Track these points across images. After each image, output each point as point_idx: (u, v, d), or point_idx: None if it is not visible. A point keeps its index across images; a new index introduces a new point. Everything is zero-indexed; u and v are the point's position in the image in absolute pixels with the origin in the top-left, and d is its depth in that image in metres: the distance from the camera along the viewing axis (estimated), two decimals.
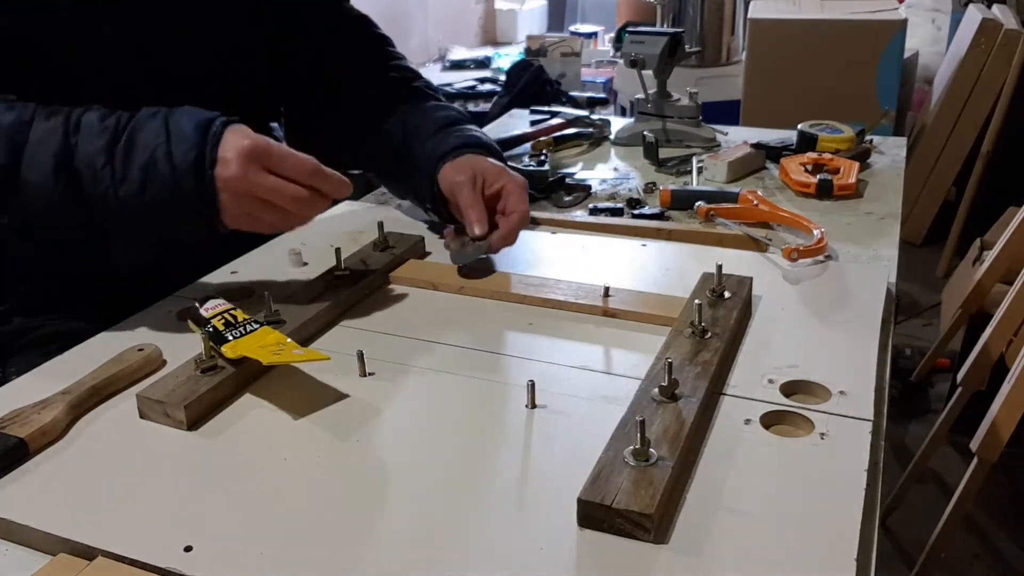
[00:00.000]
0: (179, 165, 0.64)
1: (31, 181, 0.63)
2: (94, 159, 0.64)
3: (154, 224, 0.66)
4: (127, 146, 0.65)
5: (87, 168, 0.64)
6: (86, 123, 0.65)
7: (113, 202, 0.64)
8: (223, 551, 0.46)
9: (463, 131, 0.86)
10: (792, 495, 0.49)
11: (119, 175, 0.64)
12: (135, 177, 0.64)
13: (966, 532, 1.52)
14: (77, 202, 0.64)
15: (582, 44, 3.60)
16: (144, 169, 0.64)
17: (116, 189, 0.64)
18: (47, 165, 0.63)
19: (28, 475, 0.53)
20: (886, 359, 0.67)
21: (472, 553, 0.46)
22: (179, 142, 0.64)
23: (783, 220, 0.93)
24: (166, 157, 0.64)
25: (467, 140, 0.84)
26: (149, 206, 0.64)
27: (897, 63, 2.19)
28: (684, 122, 1.27)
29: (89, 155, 0.64)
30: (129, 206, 0.64)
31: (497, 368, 0.64)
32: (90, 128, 0.65)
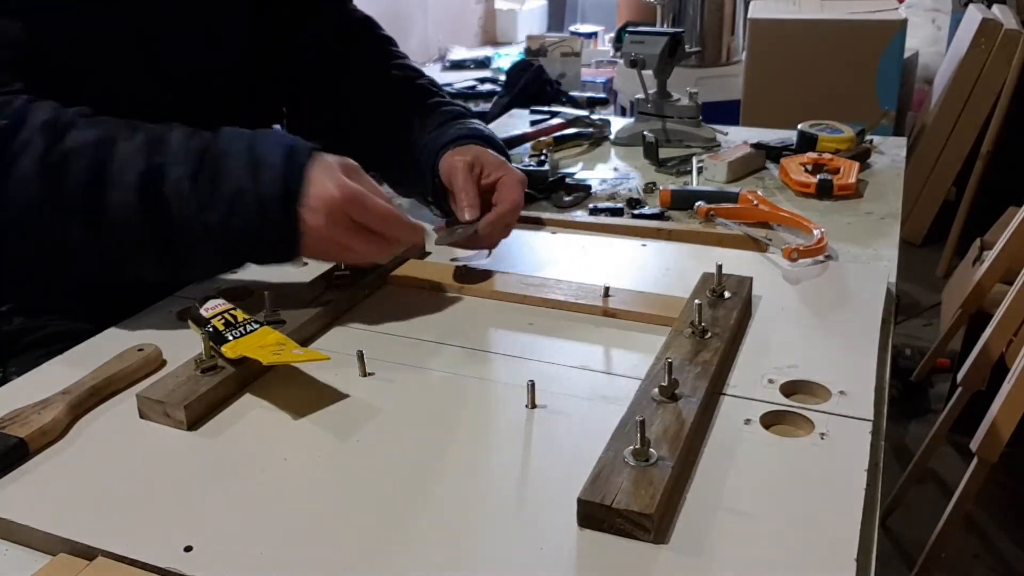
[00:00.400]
0: (266, 198, 0.64)
1: (114, 201, 0.64)
2: (180, 183, 0.64)
3: (235, 251, 0.67)
4: (212, 172, 0.65)
5: (173, 191, 0.64)
6: (172, 144, 0.66)
7: (198, 227, 0.65)
8: (223, 551, 0.46)
9: (466, 124, 0.86)
10: (792, 495, 0.49)
11: (205, 201, 0.64)
12: (222, 205, 0.64)
13: (966, 532, 1.52)
14: (159, 224, 0.65)
15: (582, 44, 3.60)
16: (231, 199, 0.64)
17: (202, 214, 0.64)
18: (132, 186, 0.64)
19: (28, 475, 0.53)
20: (886, 359, 0.67)
21: (472, 553, 0.46)
22: (266, 172, 0.65)
23: (783, 220, 0.93)
24: (253, 187, 0.64)
25: (470, 132, 0.84)
26: (234, 234, 0.65)
27: (897, 63, 2.19)
28: (684, 122, 1.27)
29: (175, 179, 0.64)
30: (214, 232, 0.65)
31: (497, 368, 0.64)
32: (175, 150, 0.65)
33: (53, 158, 0.63)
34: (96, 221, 0.64)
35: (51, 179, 0.63)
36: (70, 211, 0.64)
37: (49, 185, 0.63)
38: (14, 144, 0.63)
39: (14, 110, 0.65)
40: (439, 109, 0.89)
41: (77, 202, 0.64)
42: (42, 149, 0.63)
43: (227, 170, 0.65)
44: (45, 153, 0.63)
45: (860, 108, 2.12)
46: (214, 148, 0.66)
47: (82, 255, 0.66)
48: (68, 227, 0.64)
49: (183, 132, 0.67)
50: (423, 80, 0.94)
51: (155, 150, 0.65)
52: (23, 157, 0.63)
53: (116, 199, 0.64)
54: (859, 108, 2.12)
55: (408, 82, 0.93)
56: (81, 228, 0.64)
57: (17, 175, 0.63)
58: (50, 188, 0.63)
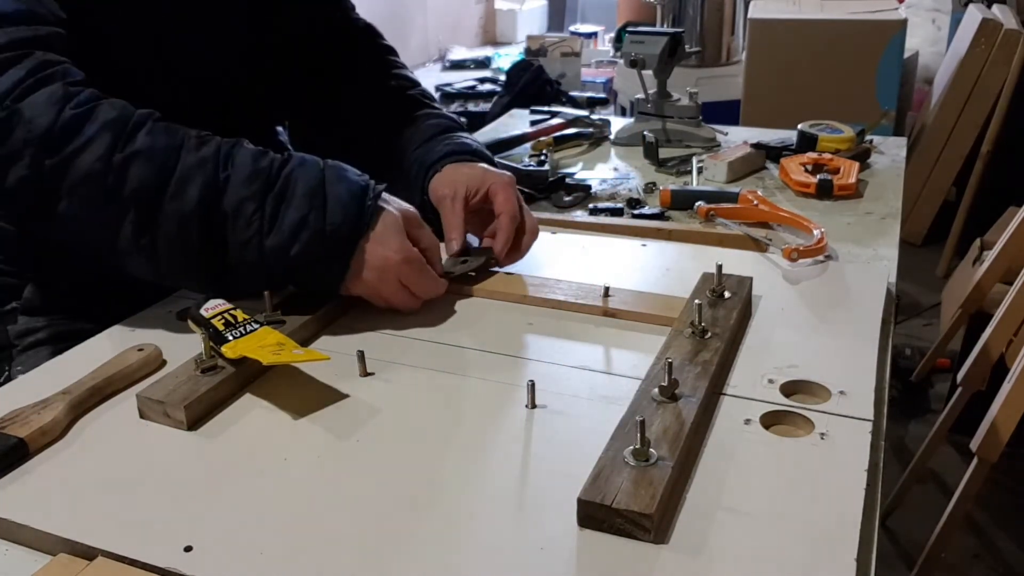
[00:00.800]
0: (329, 238, 0.66)
1: (172, 211, 0.64)
2: (244, 204, 0.65)
3: (283, 276, 0.68)
4: (279, 198, 0.65)
5: (234, 210, 0.65)
6: (239, 161, 0.66)
7: (253, 250, 0.65)
8: (223, 551, 0.46)
9: (452, 139, 0.86)
10: (792, 495, 0.49)
11: (267, 226, 0.65)
12: (285, 232, 0.65)
13: (966, 532, 1.52)
14: (214, 241, 0.65)
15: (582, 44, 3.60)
16: (295, 228, 0.65)
17: (263, 238, 0.65)
18: (193, 197, 0.64)
19: (28, 475, 0.53)
20: (886, 359, 0.67)
21: (472, 553, 0.46)
22: (334, 210, 0.66)
23: (783, 220, 0.93)
24: (319, 224, 0.65)
25: (455, 148, 0.83)
26: (288, 263, 0.66)
27: (897, 63, 2.19)
28: (684, 122, 1.27)
29: (239, 198, 0.65)
30: (268, 258, 0.65)
31: (497, 368, 0.64)
32: (243, 168, 0.66)
33: (117, 158, 0.63)
34: (151, 228, 0.64)
35: (113, 179, 0.63)
36: (126, 214, 0.64)
37: (110, 184, 0.63)
38: (79, 138, 0.63)
39: (81, 102, 0.64)
40: (426, 123, 0.88)
41: (135, 206, 0.63)
42: (107, 147, 0.63)
43: (294, 199, 0.65)
44: (110, 152, 0.63)
45: (860, 108, 2.12)
46: (282, 173, 0.66)
47: (130, 257, 0.65)
48: (121, 229, 0.64)
49: (252, 151, 0.67)
50: (415, 91, 0.94)
51: (221, 165, 0.65)
52: (87, 152, 0.63)
53: (175, 209, 0.64)
54: (859, 108, 2.12)
55: (401, 92, 0.93)
56: (134, 233, 0.64)
57: (79, 170, 0.63)
58: (110, 188, 0.63)
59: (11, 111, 0.62)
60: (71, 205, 0.63)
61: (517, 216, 0.77)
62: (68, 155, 0.62)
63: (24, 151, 0.62)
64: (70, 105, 0.63)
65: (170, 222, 0.64)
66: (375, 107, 0.92)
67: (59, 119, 0.62)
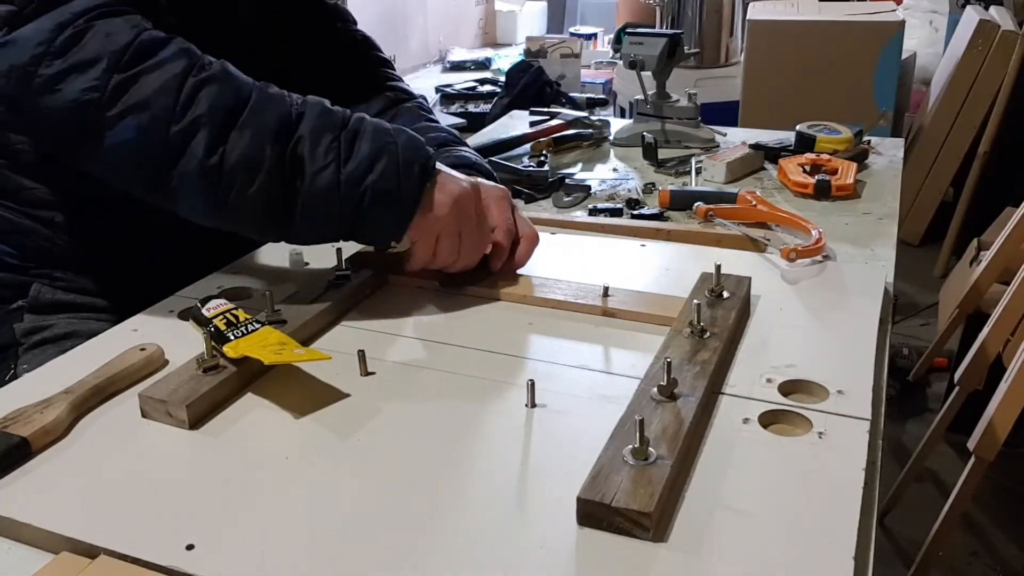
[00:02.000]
0: (405, 164, 0.67)
1: (246, 136, 0.63)
2: (322, 133, 0.65)
3: (356, 211, 0.67)
4: (352, 134, 0.67)
5: (312, 136, 0.65)
6: (311, 102, 0.67)
7: (331, 174, 0.65)
8: (225, 550, 0.46)
9: (450, 152, 0.86)
10: (790, 494, 0.50)
11: (344, 155, 0.66)
12: (363, 160, 0.66)
13: (963, 530, 1.53)
14: (287, 168, 0.65)
15: (581, 45, 3.61)
16: (372, 157, 0.66)
17: (340, 165, 0.65)
18: (270, 121, 0.64)
19: (30, 474, 0.53)
20: (884, 359, 0.67)
21: (472, 551, 0.46)
22: (407, 144, 0.69)
23: (781, 220, 0.93)
24: (395, 151, 0.67)
25: (453, 162, 0.83)
26: (366, 190, 0.66)
27: (895, 64, 2.19)
28: (683, 123, 1.27)
29: (317, 128, 0.65)
30: (346, 184, 0.65)
31: (497, 368, 0.65)
32: (315, 106, 0.67)
33: (192, 80, 0.63)
34: (221, 149, 0.63)
35: (185, 99, 0.63)
36: (195, 135, 0.63)
37: (182, 104, 0.63)
38: (154, 58, 0.63)
39: (156, 32, 0.65)
40: (425, 135, 0.88)
41: (208, 126, 0.63)
42: (183, 69, 0.63)
43: (366, 136, 0.67)
44: (184, 74, 0.63)
45: (858, 109, 2.13)
46: (352, 117, 0.68)
47: (190, 186, 0.64)
48: (188, 151, 0.63)
49: (319, 98, 0.68)
50: (411, 103, 0.95)
51: (295, 104, 0.66)
52: (161, 71, 0.63)
53: (250, 130, 0.63)
54: (857, 109, 2.13)
55: (397, 104, 0.93)
56: (203, 153, 0.63)
57: (150, 87, 0.62)
58: (182, 107, 0.63)
59: (88, 27, 0.62)
60: (134, 124, 0.62)
61: (512, 230, 0.77)
62: (140, 71, 0.62)
63: (96, 63, 0.62)
64: (148, 31, 0.64)
65: (244, 142, 0.64)
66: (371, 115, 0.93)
67: (137, 39, 0.63)
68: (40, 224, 0.82)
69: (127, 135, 0.63)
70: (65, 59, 0.62)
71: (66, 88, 0.62)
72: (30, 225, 0.82)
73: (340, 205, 0.66)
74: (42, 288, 0.83)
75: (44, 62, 0.62)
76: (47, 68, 0.62)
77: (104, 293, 0.84)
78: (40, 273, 0.83)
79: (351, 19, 1.00)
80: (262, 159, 0.64)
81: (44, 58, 0.62)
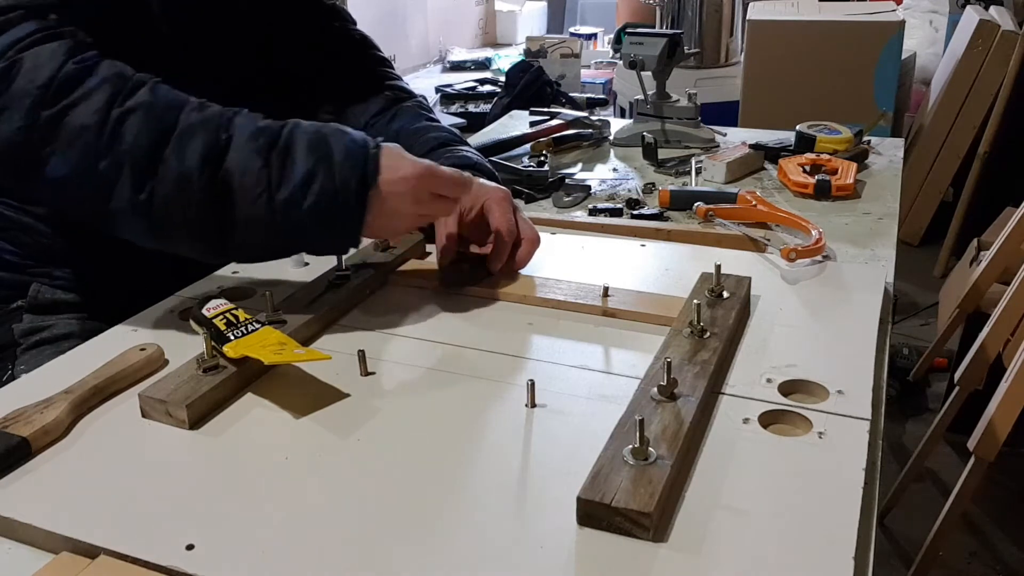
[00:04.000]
0: (342, 180, 0.65)
1: (172, 168, 0.63)
2: (250, 160, 0.64)
3: (294, 233, 0.66)
4: (284, 152, 0.65)
5: (240, 167, 0.64)
6: (239, 123, 0.65)
7: (264, 203, 0.64)
8: (224, 549, 0.46)
9: (452, 152, 0.86)
10: (790, 494, 0.50)
11: (276, 181, 0.64)
12: (296, 184, 0.64)
13: (963, 531, 1.53)
14: (219, 199, 0.64)
15: (582, 45, 3.60)
16: (305, 180, 0.64)
17: (272, 193, 0.64)
18: (195, 152, 0.63)
19: (30, 474, 0.53)
20: (883, 359, 0.67)
21: (472, 551, 0.46)
22: (340, 156, 0.66)
23: (781, 220, 0.93)
24: (328, 168, 0.65)
25: (455, 162, 0.83)
26: (300, 215, 0.64)
27: (895, 64, 2.19)
28: (683, 123, 1.27)
29: (244, 155, 0.64)
30: (278, 213, 0.64)
31: (497, 368, 0.65)
32: (244, 128, 0.65)
33: (115, 112, 0.62)
34: (149, 185, 0.63)
35: (109, 133, 0.62)
36: (122, 168, 0.62)
37: (106, 138, 0.62)
38: (79, 91, 0.62)
39: (84, 58, 0.64)
40: (425, 135, 0.88)
41: (132, 162, 0.62)
42: (106, 101, 0.62)
43: (299, 152, 0.65)
44: (108, 106, 0.62)
45: (858, 109, 2.13)
46: (283, 131, 0.66)
47: (125, 217, 0.64)
48: (117, 185, 0.63)
49: (252, 115, 0.67)
50: (411, 103, 0.94)
51: (223, 126, 0.65)
52: (85, 104, 0.62)
53: (175, 165, 0.63)
54: (857, 109, 2.12)
55: (397, 103, 0.93)
56: (131, 190, 0.63)
57: (75, 122, 0.62)
58: (106, 142, 0.62)
59: (14, 60, 0.62)
60: (64, 161, 0.62)
61: (513, 231, 0.77)
62: (65, 106, 0.62)
63: (23, 100, 0.61)
64: (74, 60, 0.63)
65: (170, 177, 0.63)
66: (370, 115, 0.92)
67: (61, 71, 0.62)
68: (40, 221, 0.82)
69: (59, 172, 0.63)
70: None
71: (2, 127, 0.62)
72: (30, 223, 0.82)
73: (277, 231, 0.66)
74: (41, 288, 0.83)
75: None
76: None
77: (103, 292, 0.84)
78: (39, 271, 0.83)
79: (350, 19, 1.00)
80: (190, 191, 0.63)
81: None
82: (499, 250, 0.76)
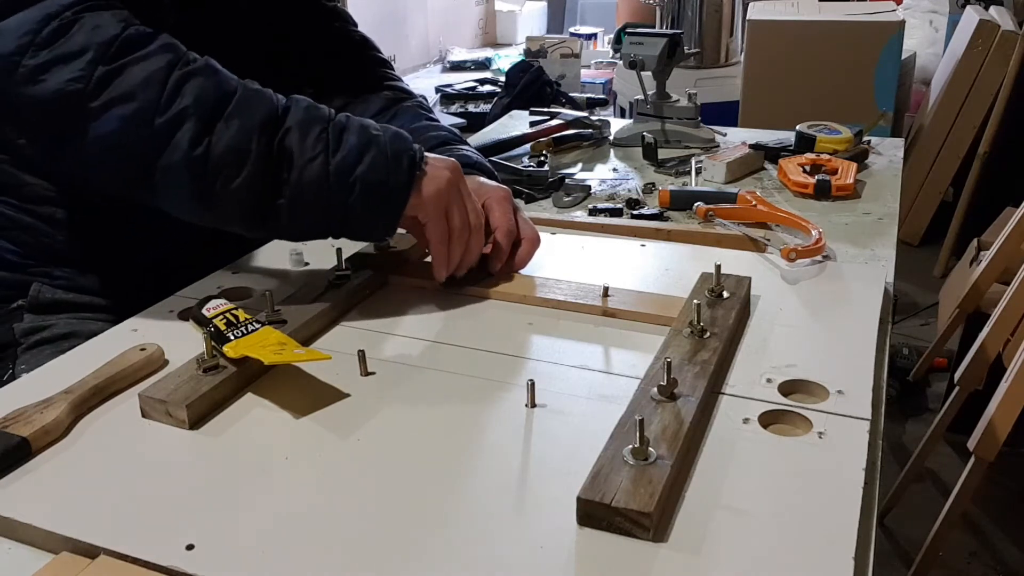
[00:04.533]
0: (393, 153, 0.68)
1: (232, 129, 0.63)
2: (310, 124, 0.66)
3: (346, 204, 0.66)
4: (340, 128, 0.67)
5: (300, 129, 0.65)
6: (296, 98, 0.67)
7: (319, 165, 0.65)
8: (225, 550, 0.46)
9: (452, 151, 0.86)
10: (790, 494, 0.50)
11: (333, 146, 0.66)
12: (351, 152, 0.66)
13: (963, 531, 1.53)
14: (275, 161, 0.64)
15: (582, 45, 3.60)
16: (361, 148, 0.66)
17: (328, 156, 0.65)
18: (255, 117, 0.64)
19: (30, 474, 0.53)
20: (884, 359, 0.67)
21: (472, 551, 0.46)
22: (390, 136, 0.69)
23: (781, 220, 0.93)
24: (380, 144, 0.67)
25: None
26: (356, 180, 0.66)
27: (895, 64, 2.19)
28: (683, 123, 1.27)
29: (304, 120, 0.66)
30: (335, 175, 0.65)
31: (497, 368, 0.65)
32: (301, 102, 0.67)
33: (177, 73, 0.63)
34: (206, 140, 0.63)
35: (171, 91, 0.62)
36: (181, 126, 0.62)
37: (167, 96, 0.62)
38: (140, 51, 0.63)
39: (143, 28, 0.65)
40: (425, 135, 0.88)
41: (195, 117, 0.62)
42: (168, 63, 0.63)
43: (352, 130, 0.67)
44: (170, 67, 0.63)
45: (858, 109, 2.13)
46: (337, 114, 0.68)
47: (175, 178, 0.64)
48: (172, 142, 0.62)
49: (304, 97, 0.69)
50: (411, 103, 0.94)
51: (279, 98, 0.66)
52: (146, 63, 0.62)
53: (235, 125, 0.63)
54: (857, 109, 2.13)
55: (397, 103, 0.93)
56: (188, 145, 0.62)
57: (135, 79, 0.62)
58: (167, 99, 0.62)
59: (75, 19, 0.62)
60: (118, 116, 0.62)
61: (513, 231, 0.77)
62: (125, 63, 0.62)
63: (81, 55, 0.61)
64: (135, 25, 0.64)
65: (230, 134, 0.63)
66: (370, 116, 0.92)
67: (124, 32, 0.63)
68: (41, 221, 0.82)
69: (111, 126, 0.62)
70: (51, 50, 0.62)
71: (50, 79, 0.62)
72: (30, 222, 0.82)
73: (329, 197, 0.66)
74: (42, 287, 0.83)
75: (29, 52, 0.62)
76: (32, 58, 0.62)
77: (104, 292, 0.84)
78: (40, 271, 0.83)
79: (350, 20, 1.00)
80: (249, 150, 0.63)
81: (29, 48, 0.62)
82: (498, 250, 0.76)
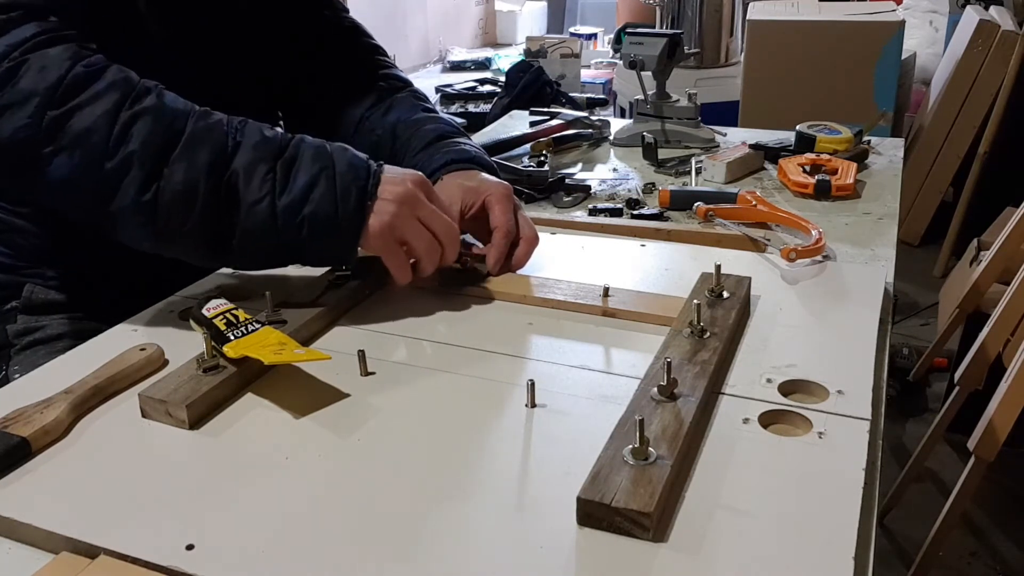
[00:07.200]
0: (342, 188, 0.66)
1: (181, 167, 0.63)
2: (256, 165, 0.65)
3: (296, 241, 0.67)
4: (288, 163, 0.66)
5: (246, 169, 0.65)
6: (248, 130, 0.67)
7: (266, 207, 0.65)
8: (225, 549, 0.46)
9: (450, 146, 0.85)
10: (790, 494, 0.50)
11: (280, 187, 0.65)
12: (297, 192, 0.65)
13: (963, 531, 1.53)
14: (223, 203, 0.64)
15: (581, 45, 3.60)
16: (307, 188, 0.66)
17: (275, 198, 0.65)
18: (203, 157, 0.64)
19: (30, 474, 0.53)
20: (884, 359, 0.67)
21: (472, 552, 0.46)
22: (343, 166, 0.67)
23: (781, 220, 0.93)
24: (330, 177, 0.66)
25: (455, 156, 0.83)
26: (304, 220, 0.65)
27: (895, 64, 2.20)
28: (683, 123, 1.27)
29: (250, 160, 0.65)
30: (283, 215, 0.65)
31: (497, 368, 0.65)
32: (252, 135, 0.66)
33: (124, 115, 0.63)
34: (154, 186, 0.63)
35: (118, 133, 0.62)
36: (128, 170, 0.63)
37: (114, 139, 0.62)
38: (87, 93, 0.63)
39: (91, 63, 0.64)
40: (423, 127, 0.87)
41: (139, 164, 0.63)
42: (115, 103, 0.63)
43: (303, 163, 0.67)
44: (117, 108, 0.63)
45: (858, 109, 2.13)
46: (290, 142, 0.68)
47: (125, 218, 0.64)
48: (121, 186, 0.63)
49: (258, 124, 0.68)
50: (405, 92, 0.93)
51: (230, 134, 0.66)
52: (94, 106, 0.62)
53: (183, 166, 0.63)
54: (857, 109, 2.13)
55: (392, 93, 0.92)
56: (136, 191, 0.63)
57: (82, 123, 0.62)
58: (114, 142, 0.62)
59: (21, 61, 0.62)
60: (68, 161, 0.62)
61: (512, 231, 0.77)
62: (72, 108, 0.62)
63: (29, 100, 0.61)
64: (82, 63, 0.63)
65: (176, 180, 0.63)
66: (363, 107, 0.91)
67: (70, 74, 0.62)
68: (32, 223, 0.82)
69: (62, 173, 0.63)
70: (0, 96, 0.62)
71: (3, 124, 0.62)
72: (23, 224, 0.82)
73: (279, 236, 0.66)
74: (35, 288, 0.82)
75: None
76: None
77: (97, 293, 0.84)
78: (33, 272, 0.83)
79: (340, 6, 0.99)
80: (196, 195, 0.64)
81: None
82: (497, 250, 0.76)
